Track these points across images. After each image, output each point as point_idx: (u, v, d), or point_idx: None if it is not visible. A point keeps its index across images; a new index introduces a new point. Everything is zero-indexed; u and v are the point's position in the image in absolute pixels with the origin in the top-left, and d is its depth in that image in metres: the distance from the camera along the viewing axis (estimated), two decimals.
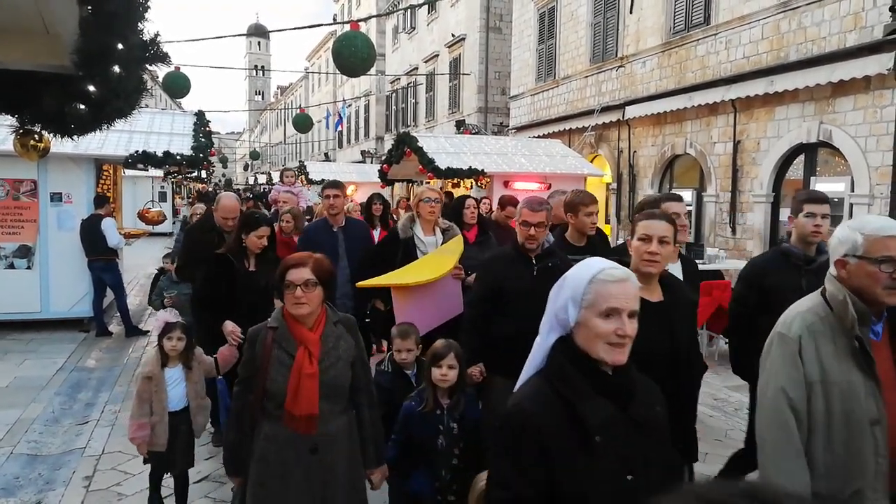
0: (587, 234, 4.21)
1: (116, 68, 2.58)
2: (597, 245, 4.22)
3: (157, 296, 6.02)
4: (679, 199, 3.97)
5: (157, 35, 2.75)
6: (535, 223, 3.51)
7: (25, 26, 2.53)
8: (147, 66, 2.82)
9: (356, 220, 5.63)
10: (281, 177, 10.70)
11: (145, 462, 3.66)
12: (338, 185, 5.19)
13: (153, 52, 2.74)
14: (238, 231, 4.24)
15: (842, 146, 8.93)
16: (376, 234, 7.11)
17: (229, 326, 4.00)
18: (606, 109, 14.00)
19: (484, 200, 8.84)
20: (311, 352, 2.52)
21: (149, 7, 2.54)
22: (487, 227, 5.48)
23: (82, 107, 3.04)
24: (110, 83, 2.66)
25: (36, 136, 4.34)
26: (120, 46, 2.48)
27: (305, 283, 2.50)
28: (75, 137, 3.40)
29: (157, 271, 8.21)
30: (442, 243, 4.48)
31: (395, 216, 8.89)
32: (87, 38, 2.39)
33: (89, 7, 2.34)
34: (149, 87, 3.31)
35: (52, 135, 3.50)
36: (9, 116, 3.45)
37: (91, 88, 2.80)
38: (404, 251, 4.45)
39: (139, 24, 2.56)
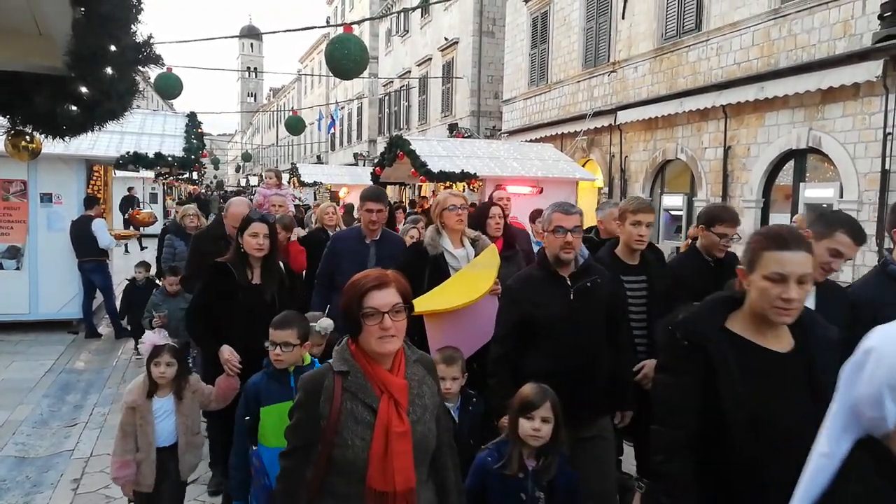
0: (634, 248, 3.52)
1: (109, 70, 2.58)
2: (650, 264, 3.58)
3: (148, 312, 5.50)
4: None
5: (150, 37, 2.74)
6: (571, 227, 2.92)
7: (18, 27, 2.52)
8: (140, 67, 2.81)
9: (393, 233, 4.83)
10: (262, 178, 9.04)
11: None
12: (380, 196, 4.42)
13: (146, 53, 2.73)
14: (237, 236, 3.72)
15: (831, 152, 9.00)
16: None
17: (226, 353, 3.48)
18: (598, 114, 14.06)
19: (502, 202, 7.29)
20: (398, 402, 1.86)
21: (142, 9, 2.53)
22: (515, 239, 4.71)
23: (74, 108, 3.03)
24: (103, 85, 2.65)
25: (27, 136, 4.32)
26: (113, 48, 2.47)
27: (394, 308, 1.86)
28: (67, 139, 3.39)
29: (127, 282, 7.80)
30: (474, 256, 3.84)
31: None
32: (80, 39, 2.38)
33: (82, 9, 2.33)
34: (141, 89, 3.30)
35: (43, 136, 3.48)
36: (0, 117, 3.43)
37: (83, 90, 2.79)
38: (434, 270, 3.77)
39: (132, 25, 2.55)
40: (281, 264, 3.84)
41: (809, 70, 9.04)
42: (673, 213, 12.52)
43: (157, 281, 7.05)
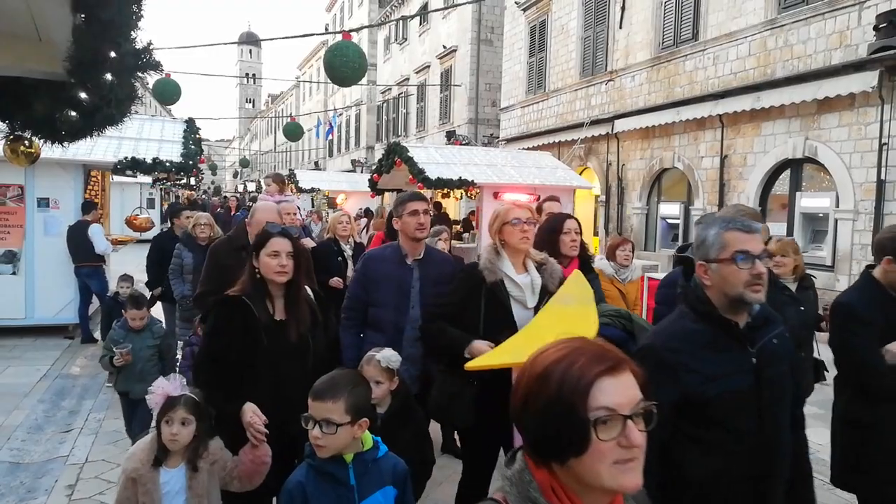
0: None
1: (109, 76, 2.58)
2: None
3: (107, 349, 4.30)
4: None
5: (149, 43, 2.75)
6: (759, 253, 1.91)
7: (18, 32, 2.53)
8: (139, 73, 2.81)
9: (439, 251, 4.00)
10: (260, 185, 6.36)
11: None
12: (423, 197, 3.56)
13: (145, 60, 2.73)
14: (250, 258, 2.78)
15: (827, 162, 9.05)
16: None
17: (248, 413, 2.52)
18: (596, 122, 14.12)
19: (548, 206, 5.48)
20: None
21: (142, 16, 2.54)
22: (591, 260, 3.88)
23: (73, 114, 3.03)
24: (102, 90, 2.65)
25: (26, 142, 4.32)
26: (112, 54, 2.48)
27: (638, 408, 1.06)
28: (66, 144, 3.38)
29: (109, 299, 6.82)
30: (543, 285, 3.01)
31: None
32: (80, 45, 2.39)
33: (83, 14, 2.34)
34: (140, 95, 3.30)
35: (42, 141, 3.47)
36: None
37: (83, 95, 2.80)
38: (491, 301, 2.92)
39: (132, 32, 2.56)
40: (309, 290, 2.94)
41: (805, 80, 9.10)
42: (670, 221, 12.56)
43: (151, 291, 6.52)
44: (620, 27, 13.53)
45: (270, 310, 2.72)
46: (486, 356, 2.66)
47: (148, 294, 7.11)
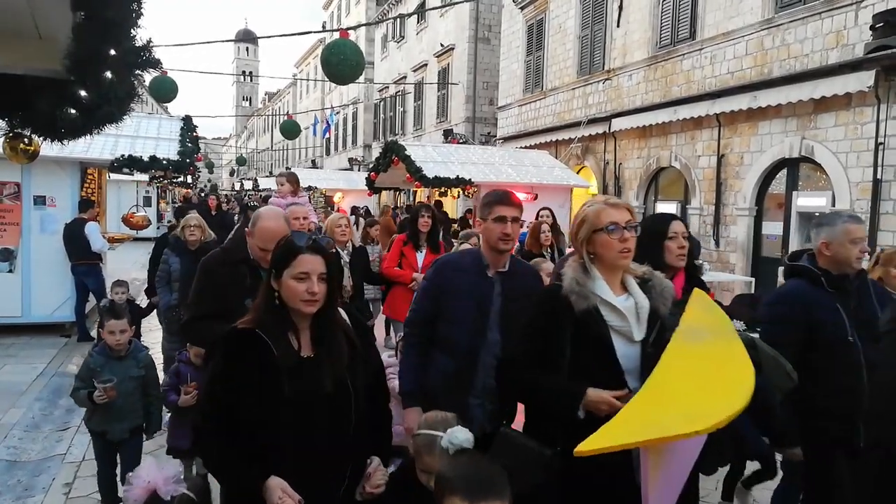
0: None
1: (108, 74, 2.58)
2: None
3: (83, 381, 3.48)
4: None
5: (149, 41, 2.74)
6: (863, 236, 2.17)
7: (18, 30, 2.53)
8: (139, 71, 2.81)
9: (526, 263, 3.39)
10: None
11: None
12: (514, 201, 2.83)
13: (145, 57, 2.73)
14: (268, 277, 2.06)
15: (823, 161, 9.07)
16: (420, 257, 5.96)
17: (276, 492, 1.86)
18: (593, 121, 14.13)
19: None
20: None
21: (142, 13, 2.53)
22: (700, 270, 3.35)
23: (73, 111, 3.03)
24: (102, 88, 2.65)
25: (26, 139, 4.32)
26: (112, 52, 2.48)
27: None
28: (65, 141, 3.37)
29: (104, 306, 5.39)
30: (652, 308, 2.21)
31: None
32: (80, 43, 2.38)
33: (83, 12, 2.34)
34: (140, 94, 3.30)
35: (41, 138, 3.46)
36: None
37: (83, 93, 2.79)
38: (580, 335, 2.18)
39: (132, 30, 2.55)
40: (343, 314, 2.21)
41: (802, 80, 9.11)
42: None
43: (149, 299, 6.14)
44: (618, 26, 13.53)
45: (296, 344, 2.02)
46: (608, 432, 1.72)
47: (145, 301, 6.81)
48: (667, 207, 12.51)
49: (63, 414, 5.62)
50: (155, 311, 6.29)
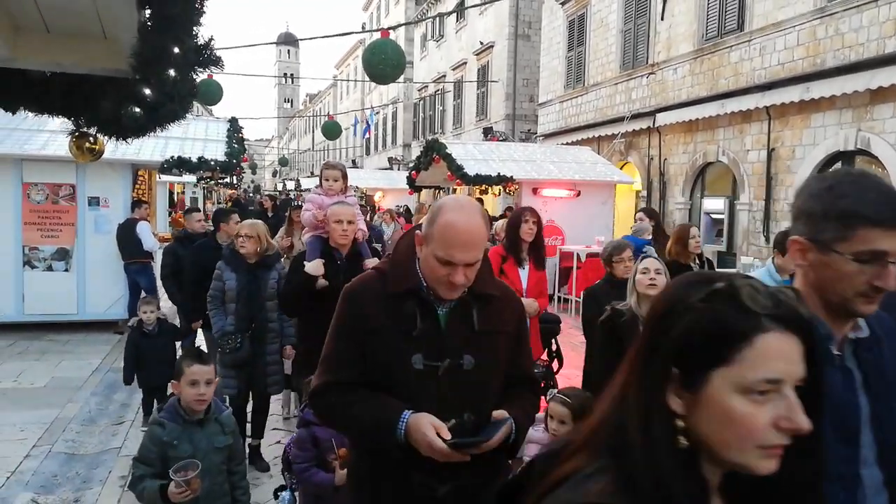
0: None
1: (172, 72, 2.63)
2: None
3: (148, 465, 2.48)
4: None
5: (211, 39, 2.76)
6: None
7: (84, 31, 2.59)
8: (200, 69, 2.85)
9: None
10: (320, 180, 4.00)
11: None
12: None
13: (206, 55, 2.76)
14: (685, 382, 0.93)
15: (880, 154, 8.74)
16: (524, 275, 4.61)
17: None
18: (636, 116, 13.89)
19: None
20: None
21: (204, 11, 2.55)
22: None
23: (137, 110, 3.09)
24: (165, 86, 2.70)
25: (91, 138, 4.42)
26: (176, 50, 2.52)
27: None
28: (129, 140, 3.44)
29: (130, 328, 5.31)
30: None
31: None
32: (145, 41, 2.43)
33: (148, 11, 2.38)
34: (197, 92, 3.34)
35: (106, 137, 3.54)
36: (49, 121, 3.52)
37: (147, 92, 2.85)
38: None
39: (195, 28, 2.58)
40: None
41: (858, 70, 8.78)
42: (714, 216, 12.28)
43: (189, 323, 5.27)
44: (662, 19, 13.27)
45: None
46: None
47: (177, 321, 5.91)
48: (714, 203, 12.22)
49: (118, 408, 5.78)
50: (202, 334, 5.41)
